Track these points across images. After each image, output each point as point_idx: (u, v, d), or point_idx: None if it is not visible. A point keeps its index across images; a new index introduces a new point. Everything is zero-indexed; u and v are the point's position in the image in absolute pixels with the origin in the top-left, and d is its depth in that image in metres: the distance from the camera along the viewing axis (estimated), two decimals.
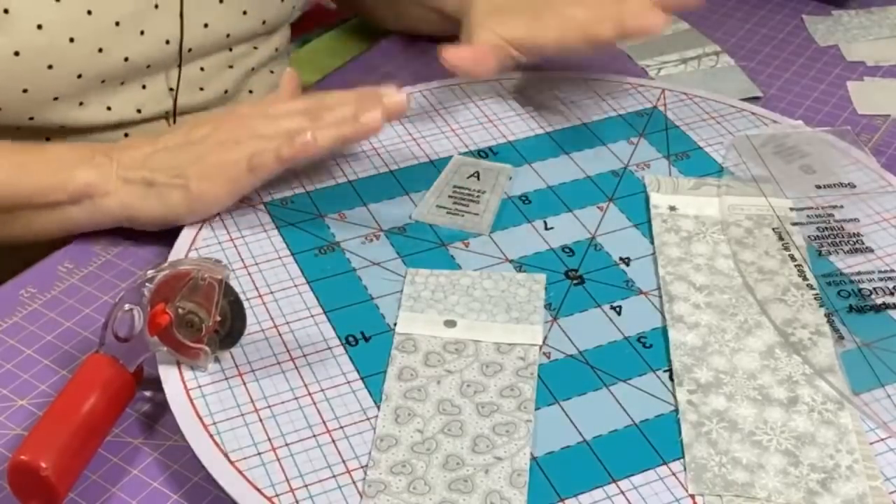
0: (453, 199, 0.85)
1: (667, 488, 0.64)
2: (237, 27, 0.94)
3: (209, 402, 0.68)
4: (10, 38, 0.81)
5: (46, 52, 0.82)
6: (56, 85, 0.84)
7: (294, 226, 0.82)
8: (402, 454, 0.65)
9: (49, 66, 0.83)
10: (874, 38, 1.10)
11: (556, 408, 0.68)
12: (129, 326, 0.68)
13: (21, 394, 0.71)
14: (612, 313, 0.75)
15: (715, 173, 0.87)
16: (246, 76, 0.97)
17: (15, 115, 0.84)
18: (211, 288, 0.68)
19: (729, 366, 0.71)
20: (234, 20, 0.94)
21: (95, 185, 0.79)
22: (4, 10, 0.80)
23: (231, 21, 0.93)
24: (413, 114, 0.94)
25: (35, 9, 0.81)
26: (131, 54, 0.87)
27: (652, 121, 0.94)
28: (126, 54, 0.87)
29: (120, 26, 0.85)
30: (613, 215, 0.84)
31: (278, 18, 0.98)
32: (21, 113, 0.84)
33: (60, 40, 0.82)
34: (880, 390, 0.70)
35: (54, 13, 0.82)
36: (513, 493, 0.63)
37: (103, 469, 0.67)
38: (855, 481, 0.64)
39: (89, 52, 0.84)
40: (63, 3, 0.82)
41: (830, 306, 0.75)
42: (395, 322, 0.74)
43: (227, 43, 0.94)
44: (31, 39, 0.81)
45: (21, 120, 0.85)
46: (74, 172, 0.79)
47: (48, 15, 0.82)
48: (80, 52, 0.84)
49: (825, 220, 0.83)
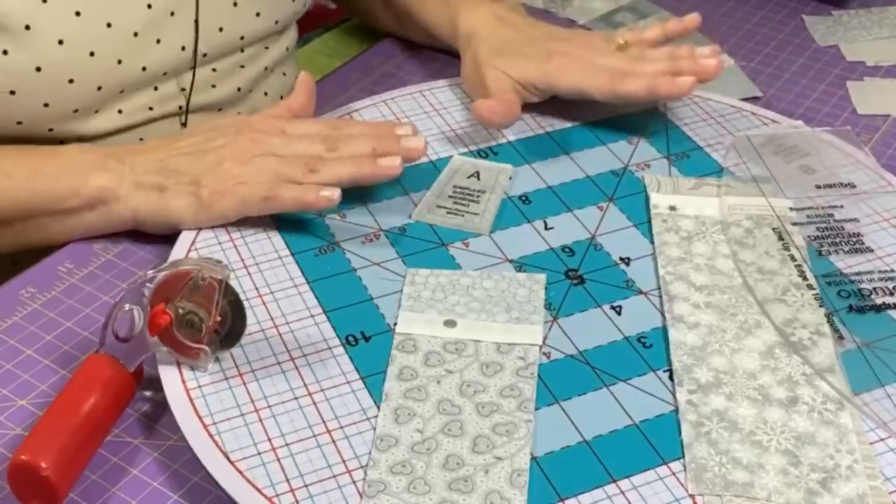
0: (453, 199, 0.85)
1: (667, 488, 0.64)
2: (251, 29, 0.94)
3: (209, 402, 0.68)
4: (31, 53, 0.80)
5: (68, 66, 0.82)
6: (77, 97, 0.84)
7: (294, 226, 0.82)
8: (402, 454, 0.65)
9: (70, 80, 0.83)
10: (874, 38, 1.10)
11: (556, 408, 0.68)
12: (129, 326, 0.68)
13: (21, 394, 0.71)
14: (612, 313, 0.75)
15: (715, 173, 0.87)
16: (259, 76, 0.97)
17: (35, 127, 0.84)
18: (211, 288, 0.68)
19: (729, 366, 0.71)
20: (249, 22, 0.94)
21: (109, 189, 0.80)
22: (26, 26, 0.80)
23: (245, 23, 0.93)
24: (413, 114, 0.94)
25: (56, 24, 0.81)
26: (148, 63, 0.87)
27: (652, 121, 0.94)
28: (143, 63, 0.87)
29: (138, 37, 0.85)
30: (613, 215, 0.84)
31: (290, 17, 0.98)
32: (41, 125, 0.84)
33: (81, 54, 0.82)
34: (880, 390, 0.70)
35: (75, 28, 0.82)
36: (513, 493, 0.63)
37: (103, 469, 0.67)
38: (855, 481, 0.64)
39: (109, 65, 0.84)
40: (84, 17, 0.82)
41: (830, 306, 0.75)
42: (395, 322, 0.74)
43: (240, 45, 0.94)
44: (53, 54, 0.81)
45: (41, 131, 0.84)
46: (88, 178, 0.79)
47: (69, 30, 0.81)
48: (100, 65, 0.84)
49: (825, 220, 0.83)
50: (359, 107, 0.95)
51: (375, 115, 0.93)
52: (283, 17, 0.97)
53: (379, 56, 1.07)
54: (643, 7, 1.15)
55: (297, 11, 0.99)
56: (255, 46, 0.96)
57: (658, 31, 0.94)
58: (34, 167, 0.80)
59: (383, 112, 0.94)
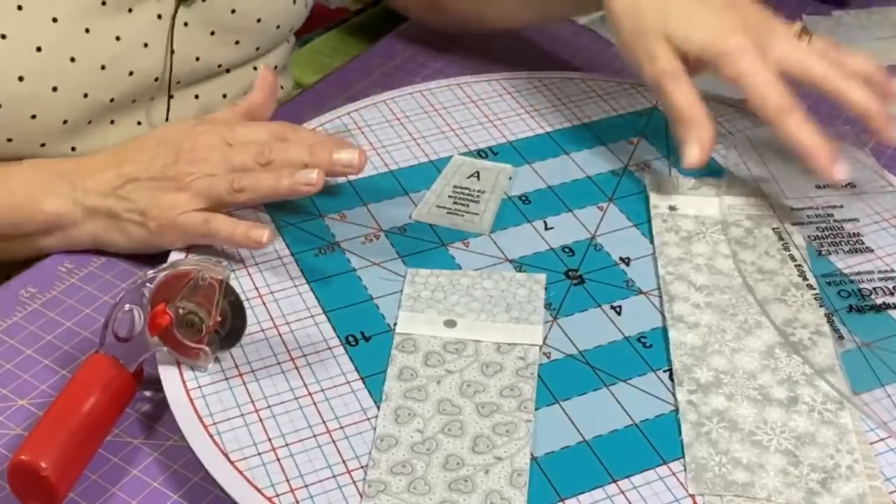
0: (453, 199, 0.85)
1: (667, 488, 0.64)
2: (230, 57, 0.93)
3: (209, 402, 0.68)
4: None
5: (29, 102, 0.81)
6: (42, 132, 0.83)
7: (294, 226, 0.82)
8: (402, 454, 0.65)
9: (32, 115, 0.82)
10: (874, 38, 1.10)
11: (556, 408, 0.69)
12: (129, 326, 0.68)
13: (21, 394, 0.71)
14: (612, 313, 0.75)
15: (715, 173, 0.87)
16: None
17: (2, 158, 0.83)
18: (211, 288, 0.68)
19: (729, 366, 0.71)
20: (227, 51, 0.92)
21: (63, 215, 0.79)
22: None
23: (223, 52, 0.92)
24: (413, 114, 0.94)
25: (15, 60, 0.80)
26: (117, 95, 0.86)
27: (652, 121, 0.94)
28: (112, 95, 0.86)
29: (106, 70, 0.84)
30: (613, 215, 0.84)
31: (274, 43, 0.96)
32: (8, 157, 0.83)
33: (43, 90, 0.81)
34: (880, 390, 0.70)
35: (36, 64, 0.80)
36: (513, 493, 0.63)
37: (103, 469, 0.67)
38: (855, 481, 0.64)
39: (73, 98, 0.83)
40: (45, 52, 0.80)
41: (830, 306, 0.75)
42: (395, 322, 0.74)
43: (219, 71, 0.93)
44: (13, 91, 0.80)
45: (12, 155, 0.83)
46: (41, 204, 0.78)
47: (29, 65, 0.80)
48: (63, 99, 0.83)
49: (825, 220, 0.83)
50: (359, 107, 0.94)
51: (375, 115, 0.93)
52: (265, 45, 0.95)
53: (379, 56, 1.07)
54: None
55: (283, 38, 0.97)
56: (240, 70, 0.95)
57: (863, 65, 0.82)
58: None
59: (383, 112, 0.94)
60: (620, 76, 1.00)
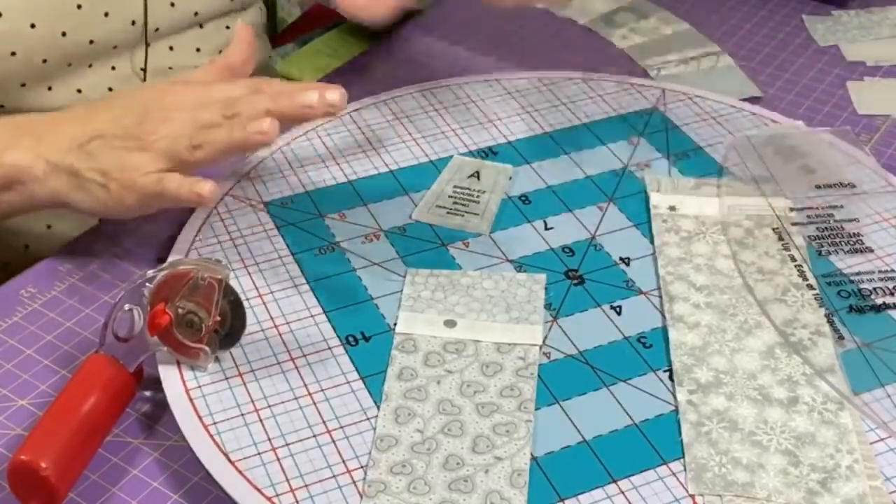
0: (453, 199, 0.85)
1: (667, 488, 0.64)
2: (206, 5, 0.93)
3: (209, 402, 0.68)
4: None
5: (8, 39, 0.82)
6: (22, 71, 0.84)
7: (294, 226, 0.82)
8: (402, 454, 0.65)
9: (12, 52, 0.82)
10: (874, 38, 1.10)
11: (556, 408, 0.68)
12: (129, 326, 0.68)
13: (21, 394, 0.71)
14: (612, 313, 0.75)
15: (715, 173, 0.87)
16: None
17: None
18: (211, 288, 0.68)
19: (729, 366, 0.71)
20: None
21: (23, 168, 0.76)
22: None
23: None
24: (413, 114, 0.94)
25: None
26: (96, 36, 0.87)
27: (652, 121, 0.94)
28: (91, 36, 0.86)
29: (82, 9, 0.85)
30: (613, 215, 0.84)
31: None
32: None
33: (21, 26, 0.82)
34: (880, 390, 0.70)
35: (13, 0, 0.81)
36: (513, 493, 0.63)
37: (103, 469, 0.67)
38: (855, 481, 0.64)
39: (52, 36, 0.84)
40: None
41: (830, 306, 0.75)
42: (395, 322, 0.74)
43: (196, 21, 0.93)
44: None
45: None
46: (2, 157, 0.76)
47: (7, 2, 0.81)
48: (42, 37, 0.83)
49: (825, 220, 0.83)
50: (359, 107, 0.94)
51: (375, 115, 0.93)
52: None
53: (379, 56, 1.07)
54: (643, 7, 1.14)
55: None
56: (214, 23, 0.95)
57: None
58: None
59: (383, 112, 0.94)
60: (620, 76, 1.00)
